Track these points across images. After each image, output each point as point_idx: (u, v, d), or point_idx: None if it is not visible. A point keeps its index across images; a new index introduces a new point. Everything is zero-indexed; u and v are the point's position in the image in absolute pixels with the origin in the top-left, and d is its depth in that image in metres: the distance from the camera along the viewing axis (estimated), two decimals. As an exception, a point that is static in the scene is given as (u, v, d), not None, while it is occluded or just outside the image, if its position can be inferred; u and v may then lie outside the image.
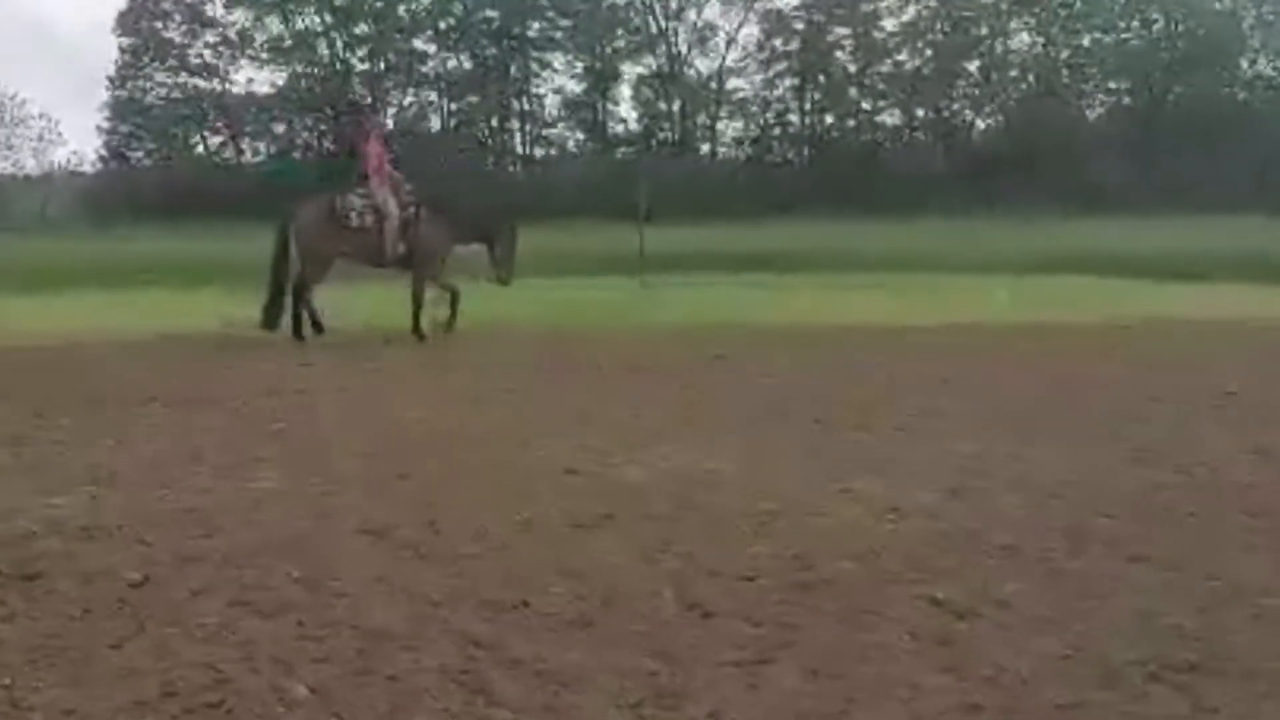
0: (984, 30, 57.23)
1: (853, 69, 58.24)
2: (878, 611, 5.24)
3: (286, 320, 15.28)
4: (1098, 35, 56.43)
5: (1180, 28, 55.58)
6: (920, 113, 58.55)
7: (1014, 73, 57.84)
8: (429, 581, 5.66)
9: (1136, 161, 48.04)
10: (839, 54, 58.42)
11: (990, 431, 9.17)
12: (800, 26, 57.00)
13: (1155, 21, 55.90)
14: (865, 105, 59.15)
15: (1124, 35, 56.14)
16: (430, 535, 6.43)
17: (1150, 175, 46.27)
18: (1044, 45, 57.02)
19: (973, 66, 58.09)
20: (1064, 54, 56.97)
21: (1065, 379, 11.88)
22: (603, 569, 5.82)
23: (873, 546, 6.19)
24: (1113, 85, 57.45)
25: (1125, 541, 6.26)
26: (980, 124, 59.32)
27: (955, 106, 58.57)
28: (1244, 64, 55.85)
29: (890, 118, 59.97)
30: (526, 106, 56.96)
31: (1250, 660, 4.69)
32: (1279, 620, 5.13)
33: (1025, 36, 57.84)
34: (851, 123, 59.03)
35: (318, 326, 15.53)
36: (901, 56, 58.21)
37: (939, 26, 57.23)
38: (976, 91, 58.01)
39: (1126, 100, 56.73)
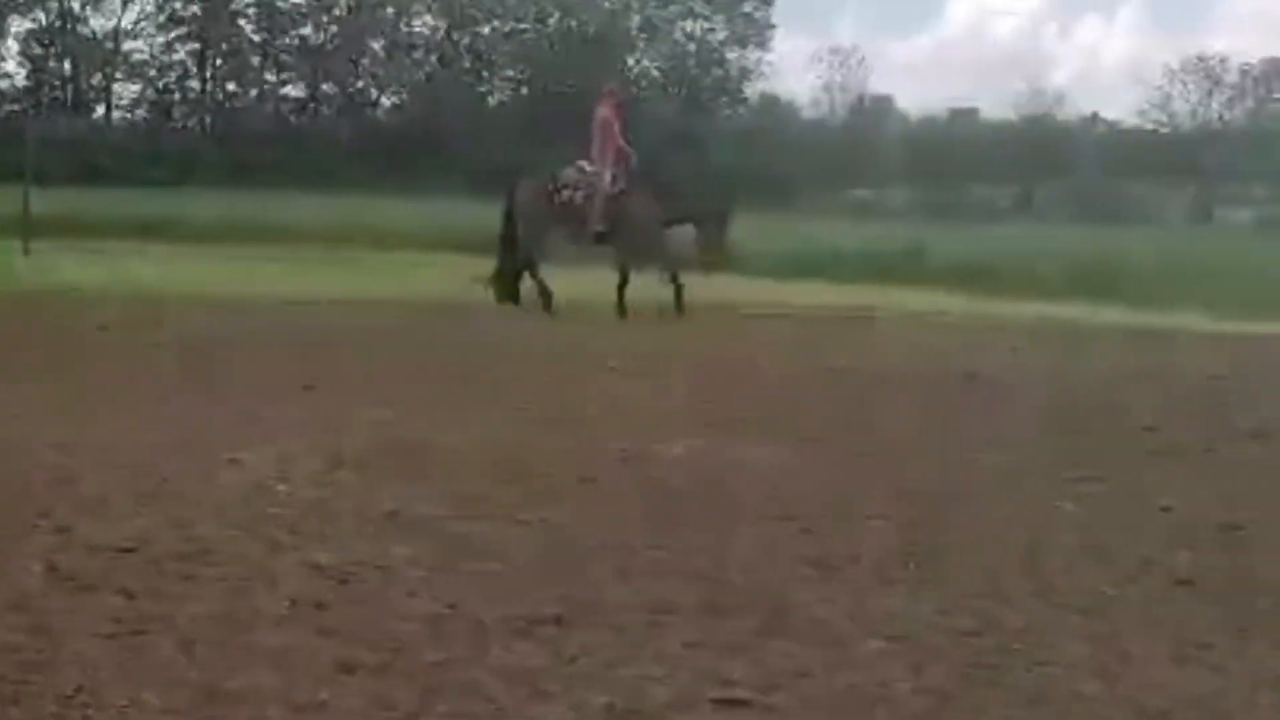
0: (389, 10, 57.63)
1: (257, 39, 57.11)
2: (259, 579, 5.22)
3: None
4: (496, 24, 58.17)
5: (572, 23, 58.23)
6: (325, 87, 58.21)
7: (418, 54, 58.60)
8: None
9: (534, 148, 49.87)
10: (243, 22, 57.14)
11: (399, 403, 9.28)
12: (202, -9, 55.28)
13: (550, 15, 58.27)
14: (269, 76, 58.19)
15: (521, 26, 58.19)
16: None
17: (545, 162, 48.08)
18: (447, 30, 58.10)
19: (378, 45, 58.37)
20: (466, 40, 58.34)
21: (471, 350, 12.24)
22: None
23: (258, 515, 6.15)
24: (510, 73, 59.46)
25: (515, 505, 6.54)
26: (386, 102, 59.81)
27: (360, 83, 58.68)
28: (630, 61, 59.20)
29: (295, 90, 59.28)
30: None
31: (613, 613, 5.02)
32: (641, 575, 5.52)
33: (429, 19, 58.73)
34: (255, 93, 57.92)
35: (546, 298, 15.59)
36: (306, 30, 57.64)
37: (344, 3, 57.11)
38: (381, 70, 58.36)
39: (524, 89, 58.87)
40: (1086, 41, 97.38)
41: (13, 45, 54.39)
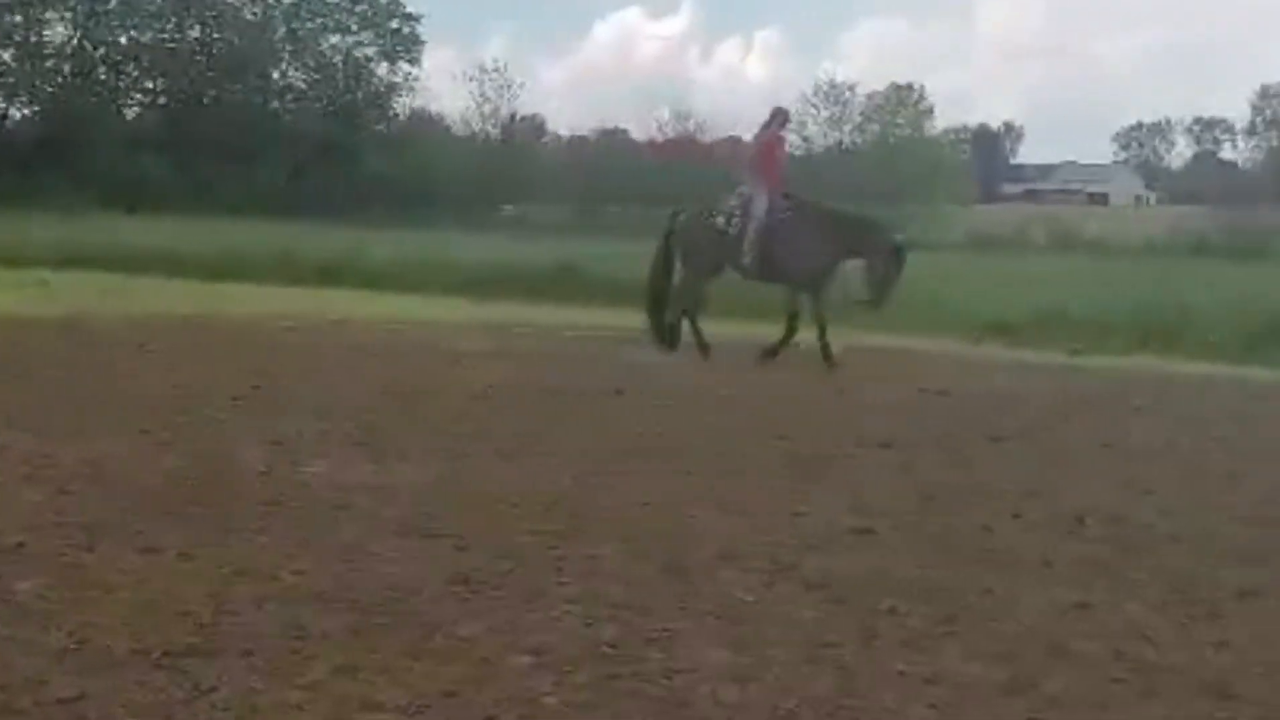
0: (19, 18, 54.89)
1: None
2: None
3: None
4: (135, 35, 56.21)
5: (216, 35, 56.79)
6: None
7: (50, 63, 56.02)
8: None
9: (174, 162, 48.46)
10: None
11: (19, 426, 8.80)
12: None
13: (192, 26, 56.65)
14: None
15: (161, 36, 56.38)
16: None
17: (187, 176, 46.87)
18: (81, 39, 55.74)
19: (7, 55, 55.59)
20: (101, 50, 56.14)
21: (96, 371, 11.69)
22: None
23: None
24: (150, 85, 57.54)
25: (145, 531, 6.30)
26: (15, 112, 57.03)
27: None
28: (276, 74, 58.13)
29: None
30: None
31: (253, 640, 4.90)
32: (282, 600, 5.40)
33: (62, 29, 56.24)
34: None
35: (702, 345, 14.74)
36: (-69, 37, 54.46)
37: (-31, 9, 54.12)
38: (11, 80, 55.56)
39: (163, 100, 57.05)
40: (728, 65, 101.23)
41: None
